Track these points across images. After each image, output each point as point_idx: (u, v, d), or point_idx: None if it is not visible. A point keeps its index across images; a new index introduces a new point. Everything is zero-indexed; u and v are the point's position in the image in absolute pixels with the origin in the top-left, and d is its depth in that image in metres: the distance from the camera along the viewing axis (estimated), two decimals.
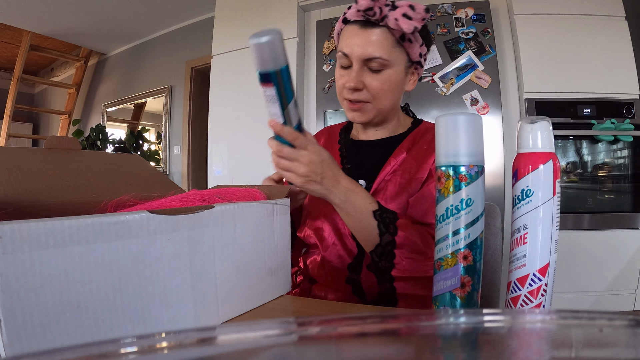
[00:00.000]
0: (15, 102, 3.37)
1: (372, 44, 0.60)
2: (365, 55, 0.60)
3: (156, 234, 0.34)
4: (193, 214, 0.37)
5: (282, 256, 0.51)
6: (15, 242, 0.26)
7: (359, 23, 0.61)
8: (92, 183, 0.52)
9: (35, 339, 0.27)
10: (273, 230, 0.49)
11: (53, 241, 0.27)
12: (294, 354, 0.14)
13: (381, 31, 0.60)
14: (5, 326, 0.25)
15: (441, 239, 0.33)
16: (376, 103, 0.64)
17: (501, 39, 1.72)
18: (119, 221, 0.31)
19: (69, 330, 0.28)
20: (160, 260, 0.34)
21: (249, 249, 0.45)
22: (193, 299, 0.38)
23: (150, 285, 0.34)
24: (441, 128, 0.33)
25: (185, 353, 0.12)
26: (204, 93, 2.61)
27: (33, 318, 0.27)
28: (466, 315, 0.15)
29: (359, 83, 0.62)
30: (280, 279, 0.51)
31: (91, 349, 0.11)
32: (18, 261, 0.26)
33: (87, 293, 0.29)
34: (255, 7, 2.04)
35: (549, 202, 0.31)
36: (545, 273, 0.31)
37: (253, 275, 0.46)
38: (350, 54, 0.62)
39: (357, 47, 0.61)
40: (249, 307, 0.46)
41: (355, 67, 0.62)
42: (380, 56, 0.60)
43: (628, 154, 1.61)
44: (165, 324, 0.35)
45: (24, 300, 0.26)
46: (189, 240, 0.37)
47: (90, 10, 2.77)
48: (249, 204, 0.46)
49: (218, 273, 0.41)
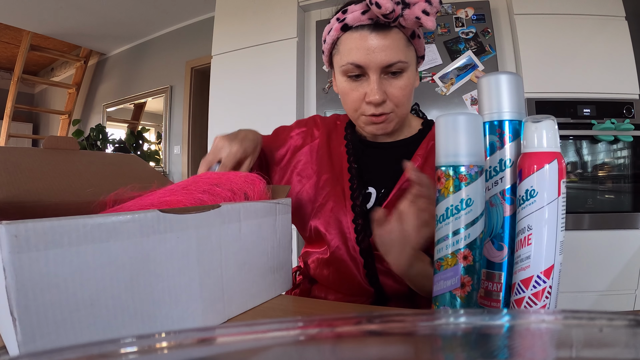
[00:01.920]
0: (15, 102, 3.37)
1: (390, 48, 0.54)
2: (385, 62, 0.55)
3: (166, 233, 0.35)
4: (201, 213, 0.38)
5: (284, 254, 0.52)
6: (30, 241, 0.26)
7: (367, 27, 0.55)
8: (92, 183, 0.52)
9: (49, 337, 0.27)
10: (276, 229, 0.50)
11: (68, 240, 0.28)
12: (294, 354, 0.14)
13: (395, 32, 0.55)
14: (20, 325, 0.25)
15: (441, 239, 0.33)
16: (398, 111, 0.59)
17: (501, 39, 1.72)
18: (131, 220, 0.32)
19: (83, 328, 0.29)
20: (170, 258, 0.35)
21: (253, 247, 0.46)
22: (201, 297, 0.38)
23: (161, 283, 0.34)
24: (441, 128, 0.33)
25: (185, 353, 0.12)
26: (204, 93, 2.61)
27: (47, 316, 0.27)
28: (466, 315, 0.15)
29: (384, 94, 0.56)
30: (283, 277, 0.52)
31: (91, 349, 0.11)
32: (33, 260, 0.26)
33: (100, 291, 0.30)
34: (255, 7, 2.04)
35: (554, 202, 0.31)
36: (550, 275, 0.31)
37: (257, 273, 0.47)
38: (366, 64, 0.55)
39: (375, 54, 0.54)
40: (254, 304, 0.46)
41: (374, 77, 0.56)
42: (399, 59, 0.55)
43: (628, 154, 1.61)
44: (175, 321, 0.36)
45: (39, 298, 0.26)
46: (197, 238, 0.38)
47: (90, 10, 2.77)
48: (254, 204, 0.46)
49: (224, 271, 0.41)
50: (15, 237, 0.25)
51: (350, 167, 0.65)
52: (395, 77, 0.57)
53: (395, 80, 0.57)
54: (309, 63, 2.00)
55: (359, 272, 0.61)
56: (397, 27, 0.55)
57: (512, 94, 0.35)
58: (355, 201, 0.62)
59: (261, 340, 0.13)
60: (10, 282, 0.25)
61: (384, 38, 0.54)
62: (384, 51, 0.54)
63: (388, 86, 0.57)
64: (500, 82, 0.35)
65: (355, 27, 0.56)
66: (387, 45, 0.55)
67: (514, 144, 0.34)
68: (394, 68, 0.56)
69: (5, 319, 0.27)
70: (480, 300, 0.36)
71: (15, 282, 0.25)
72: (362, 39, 0.55)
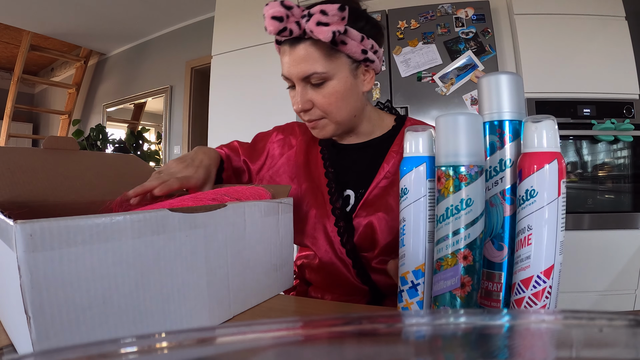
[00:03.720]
0: (15, 102, 3.37)
1: (302, 60, 0.56)
2: (300, 74, 0.57)
3: (175, 231, 0.35)
4: (208, 212, 0.39)
5: (286, 252, 0.53)
6: (45, 240, 0.26)
7: (287, 42, 0.57)
8: (94, 183, 0.52)
9: (63, 334, 0.27)
10: (278, 227, 0.51)
11: (81, 238, 0.28)
12: (294, 354, 0.14)
13: (307, 45, 0.56)
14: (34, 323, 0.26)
15: (441, 239, 0.33)
16: (330, 117, 0.60)
17: (501, 39, 1.72)
18: (142, 219, 0.32)
19: (95, 326, 0.29)
20: (179, 256, 0.36)
21: (257, 246, 0.47)
22: (208, 294, 0.39)
23: (170, 281, 0.35)
24: (441, 128, 0.33)
25: (185, 353, 0.12)
26: (204, 93, 2.60)
27: (61, 314, 0.27)
28: (466, 315, 0.15)
29: (306, 103, 0.59)
30: (285, 274, 0.53)
31: (91, 349, 0.11)
32: (47, 258, 0.26)
33: (112, 289, 0.30)
34: (255, 7, 2.04)
35: (554, 202, 0.31)
36: (550, 275, 0.31)
37: (261, 271, 0.48)
38: (290, 76, 0.59)
39: (292, 68, 0.57)
40: (257, 302, 0.47)
41: (298, 88, 0.59)
42: (314, 71, 0.56)
43: (628, 154, 1.61)
44: (183, 318, 0.36)
45: (53, 296, 0.27)
46: (205, 237, 0.39)
47: (90, 10, 2.77)
48: (257, 203, 0.47)
49: (230, 269, 0.42)
50: (30, 236, 0.25)
51: (327, 172, 0.66)
52: (319, 87, 0.58)
53: (320, 89, 0.58)
54: None
55: (350, 273, 0.62)
56: (310, 39, 0.55)
57: (512, 94, 0.35)
58: (334, 204, 0.63)
59: (261, 340, 0.13)
60: (25, 280, 0.25)
61: (296, 51, 0.57)
62: (298, 64, 0.57)
63: (314, 94, 0.59)
64: (500, 82, 0.35)
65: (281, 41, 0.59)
66: (300, 58, 0.56)
67: (514, 144, 0.34)
68: (312, 79, 0.57)
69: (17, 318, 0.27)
70: (480, 300, 0.36)
71: (30, 281, 0.25)
72: (283, 53, 0.59)
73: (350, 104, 0.61)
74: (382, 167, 0.62)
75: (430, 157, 0.37)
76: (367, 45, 0.58)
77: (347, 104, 0.60)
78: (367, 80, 0.62)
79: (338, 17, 0.52)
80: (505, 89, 0.35)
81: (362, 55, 0.58)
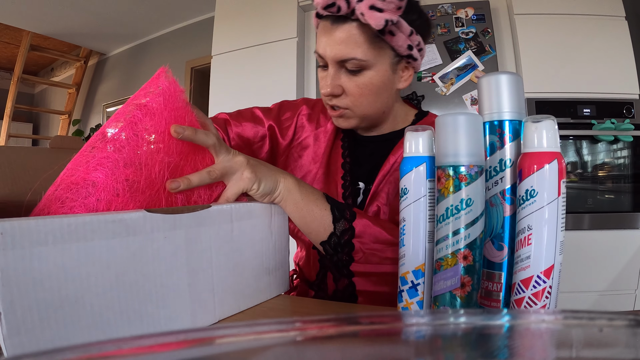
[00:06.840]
0: (15, 102, 3.37)
1: (343, 42, 0.51)
2: (337, 57, 0.53)
3: (153, 232, 0.35)
4: (190, 213, 0.38)
5: (280, 255, 0.52)
6: (16, 239, 0.27)
7: (330, 18, 0.52)
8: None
9: (34, 332, 0.28)
10: (271, 230, 0.50)
11: (52, 238, 0.28)
12: (294, 354, 0.14)
13: (352, 27, 0.51)
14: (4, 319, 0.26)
15: (441, 239, 0.33)
16: (357, 110, 0.56)
17: (501, 39, 1.72)
18: (116, 219, 0.32)
19: (67, 325, 0.29)
20: (157, 258, 0.35)
21: (246, 248, 0.46)
22: (190, 297, 0.38)
23: (147, 283, 0.34)
24: (441, 128, 0.33)
25: (185, 353, 0.12)
26: (204, 93, 2.60)
27: (32, 312, 0.27)
28: (466, 315, 0.15)
29: (336, 88, 0.54)
30: (279, 278, 0.52)
31: (91, 349, 0.11)
32: (18, 257, 0.27)
33: (85, 289, 0.30)
34: (255, 7, 2.04)
35: (554, 202, 0.31)
36: (550, 275, 0.31)
37: (250, 274, 0.47)
38: (324, 56, 0.54)
39: (329, 47, 0.53)
40: (247, 306, 0.46)
41: (331, 70, 0.54)
42: (354, 57, 0.52)
43: (628, 154, 1.61)
44: (162, 320, 0.36)
45: (24, 294, 0.27)
46: (186, 238, 0.38)
47: (90, 10, 2.77)
48: (247, 205, 0.46)
49: (215, 271, 0.41)
50: (0, 234, 0.26)
51: (344, 163, 0.64)
52: (354, 74, 0.54)
53: (355, 77, 0.54)
54: (309, 63, 2.00)
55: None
56: (357, 22, 0.50)
57: (512, 94, 0.35)
58: (346, 200, 0.62)
59: (261, 340, 0.13)
60: None
61: (339, 31, 0.52)
62: (337, 45, 0.52)
63: (347, 81, 0.54)
64: (500, 82, 0.35)
65: (323, 16, 0.54)
66: (341, 40, 0.52)
67: (514, 144, 0.34)
68: (349, 65, 0.53)
69: None
70: (480, 300, 0.36)
71: (2, 278, 0.26)
72: (323, 29, 0.54)
73: (382, 99, 0.57)
74: (388, 160, 0.60)
75: (430, 157, 0.37)
76: (414, 42, 0.54)
77: (378, 98, 0.56)
78: (405, 78, 0.58)
79: (394, 6, 0.48)
80: (505, 89, 0.35)
81: (407, 50, 0.54)
